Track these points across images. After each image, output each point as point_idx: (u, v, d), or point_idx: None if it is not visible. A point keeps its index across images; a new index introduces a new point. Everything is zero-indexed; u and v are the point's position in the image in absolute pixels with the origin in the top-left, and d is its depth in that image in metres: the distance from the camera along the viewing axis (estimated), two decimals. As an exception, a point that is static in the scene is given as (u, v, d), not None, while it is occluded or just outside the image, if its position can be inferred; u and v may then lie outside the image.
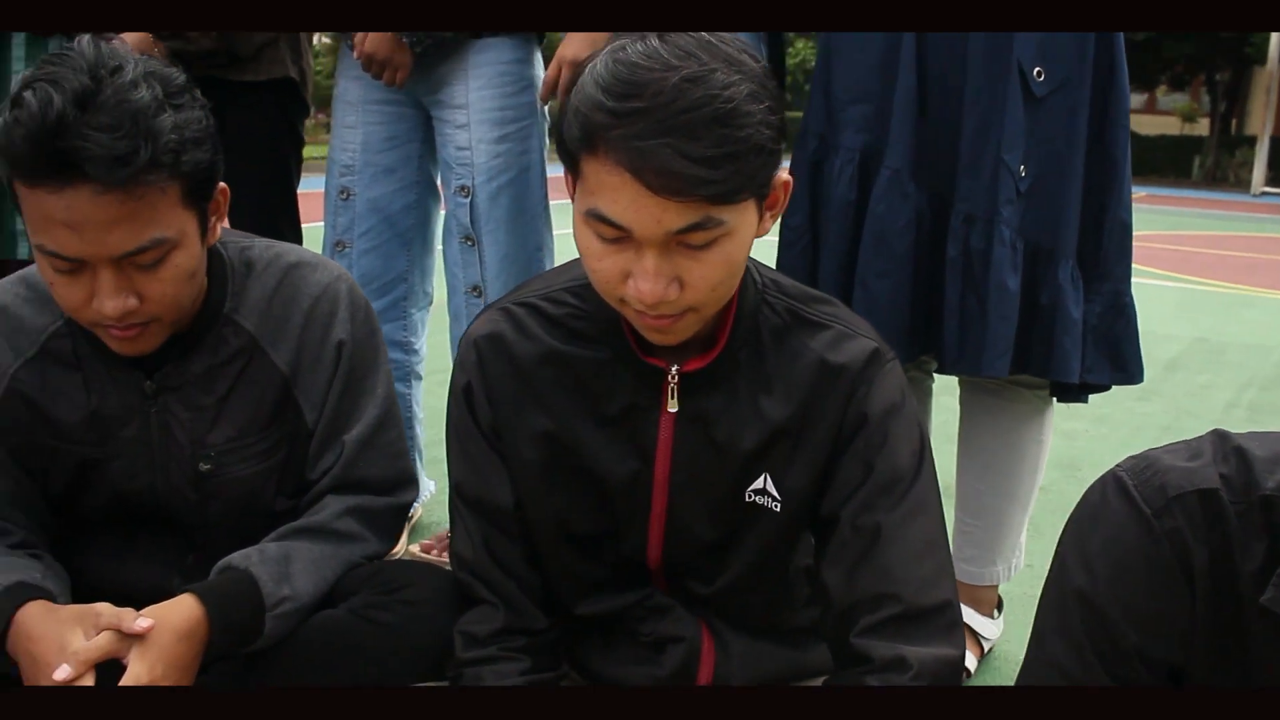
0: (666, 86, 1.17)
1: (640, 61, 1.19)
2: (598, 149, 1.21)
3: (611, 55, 1.23)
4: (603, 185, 1.22)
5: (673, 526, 1.49)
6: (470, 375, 1.47)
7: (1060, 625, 1.18)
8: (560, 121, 1.28)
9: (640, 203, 1.20)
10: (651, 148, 1.17)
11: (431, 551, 2.59)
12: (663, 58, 1.19)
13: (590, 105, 1.21)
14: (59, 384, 1.57)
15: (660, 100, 1.17)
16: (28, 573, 1.51)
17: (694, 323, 1.33)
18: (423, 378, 2.74)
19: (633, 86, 1.18)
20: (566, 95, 2.15)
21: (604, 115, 1.19)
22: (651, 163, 1.17)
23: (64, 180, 1.31)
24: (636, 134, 1.17)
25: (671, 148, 1.16)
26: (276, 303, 1.61)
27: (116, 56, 1.37)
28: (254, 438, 1.61)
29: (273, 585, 1.50)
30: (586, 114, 1.21)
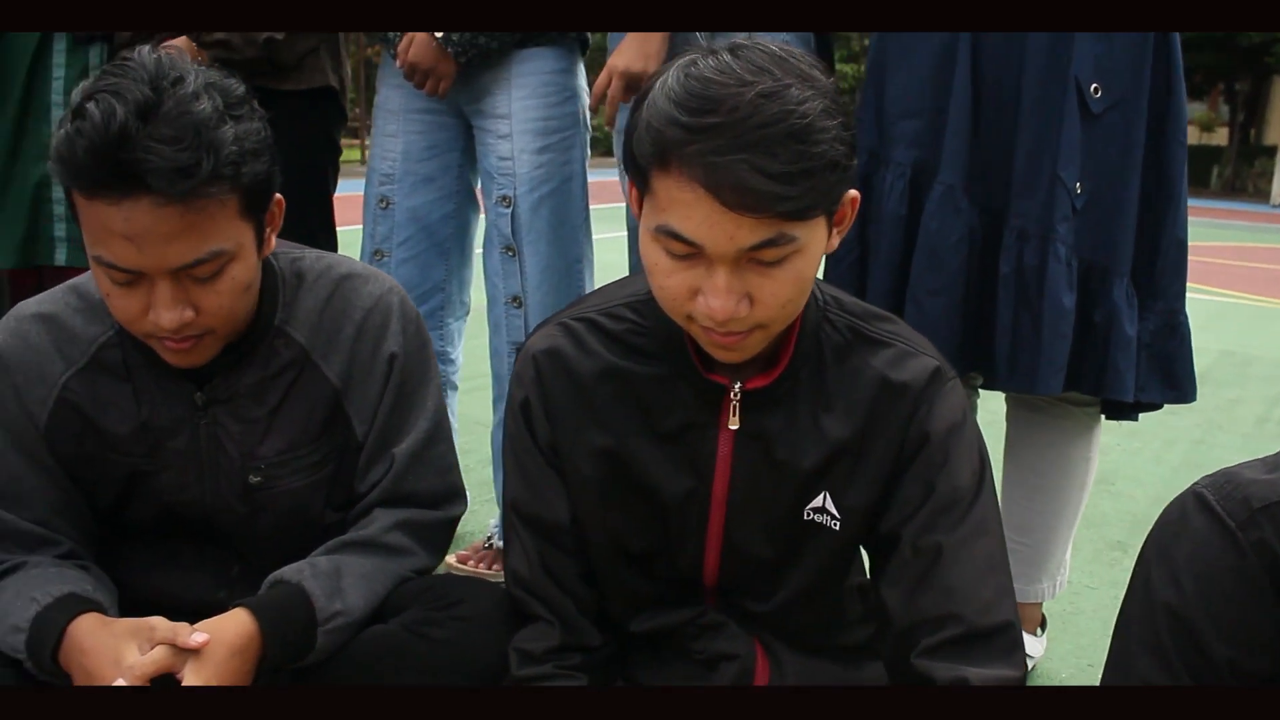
0: (743, 102, 1.16)
1: (714, 76, 1.18)
2: (671, 165, 1.20)
3: (683, 70, 1.21)
4: (675, 201, 1.21)
5: (729, 544, 1.47)
6: (528, 390, 1.46)
7: (1148, 641, 1.17)
8: (629, 136, 1.27)
9: (714, 219, 1.19)
10: (728, 164, 1.15)
11: (468, 563, 2.58)
12: (737, 73, 1.18)
13: (664, 120, 1.20)
14: (109, 395, 1.56)
15: (737, 116, 1.16)
16: (78, 584, 1.50)
17: (761, 340, 1.32)
18: (458, 387, 2.74)
19: (708, 102, 1.17)
20: (616, 106, 2.18)
21: (678, 130, 1.18)
22: (727, 179, 1.16)
23: (124, 192, 1.30)
24: (713, 150, 1.16)
25: (748, 164, 1.15)
26: (328, 315, 1.60)
27: (177, 67, 1.36)
28: (304, 450, 1.60)
29: (325, 600, 1.49)
30: (660, 129, 1.20)
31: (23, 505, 1.56)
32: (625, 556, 1.49)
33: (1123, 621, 1.21)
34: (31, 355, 1.55)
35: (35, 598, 1.47)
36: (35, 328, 1.56)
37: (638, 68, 2.11)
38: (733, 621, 1.55)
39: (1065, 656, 2.41)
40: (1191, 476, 1.21)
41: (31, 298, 1.62)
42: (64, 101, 2.76)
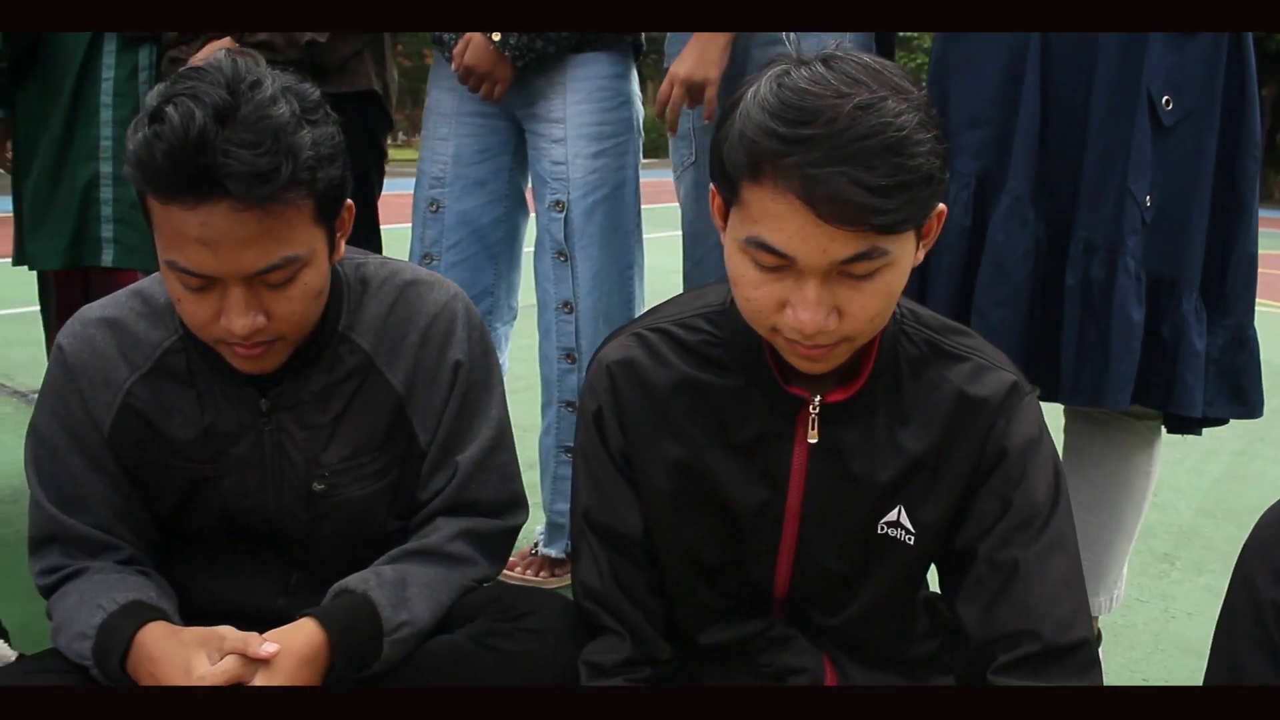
0: (840, 114, 1.15)
1: (809, 88, 1.17)
2: (764, 176, 1.19)
3: (776, 80, 1.21)
4: (767, 213, 1.20)
5: (802, 557, 1.47)
6: (602, 400, 1.45)
7: (1258, 639, 1.16)
8: (717, 147, 1.26)
9: (807, 231, 1.18)
10: (825, 176, 1.14)
11: (515, 569, 2.56)
12: (832, 84, 1.17)
13: (758, 131, 1.18)
14: (173, 400, 1.55)
15: (834, 128, 1.15)
16: (142, 591, 1.49)
17: (846, 352, 1.31)
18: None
19: (804, 113, 1.16)
20: (678, 113, 2.16)
21: (774, 141, 1.17)
22: (824, 191, 1.15)
23: (201, 196, 1.29)
24: (810, 161, 1.15)
25: (846, 176, 1.14)
26: (392, 321, 1.58)
27: (254, 71, 1.35)
28: (367, 458, 1.58)
29: (391, 610, 1.47)
30: (754, 139, 1.19)
31: (85, 510, 1.55)
32: (696, 568, 1.48)
33: (1226, 625, 1.21)
34: (97, 360, 1.54)
35: (100, 604, 1.46)
36: (100, 332, 1.55)
37: (699, 75, 2.09)
38: (801, 635, 1.53)
39: (1119, 671, 2.39)
40: (1234, 488, 1.22)
41: (94, 302, 1.61)
42: (113, 103, 2.77)
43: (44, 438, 1.56)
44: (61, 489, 1.55)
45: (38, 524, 1.57)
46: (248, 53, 1.40)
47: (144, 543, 1.61)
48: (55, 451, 1.55)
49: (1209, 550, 3.12)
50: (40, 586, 1.57)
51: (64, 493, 1.55)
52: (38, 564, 1.58)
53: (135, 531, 1.59)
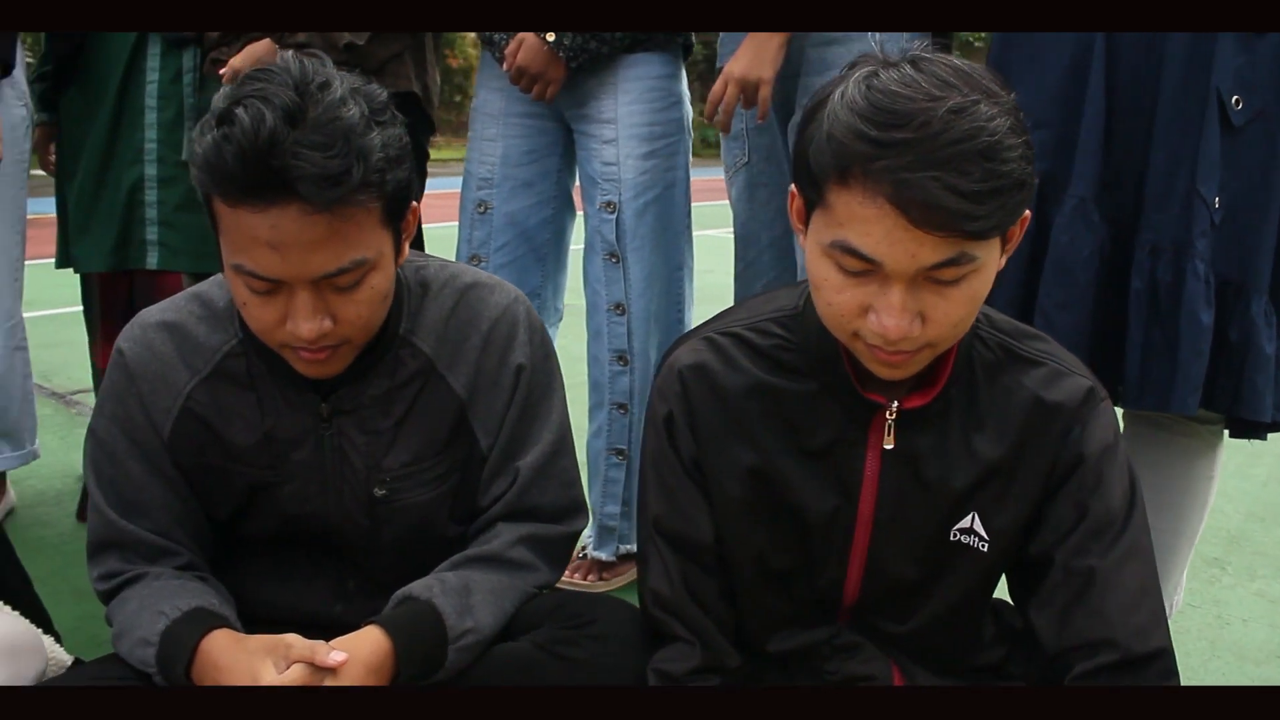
0: (934, 117, 1.13)
1: (900, 90, 1.15)
2: (852, 179, 1.17)
3: (864, 82, 1.19)
4: (855, 216, 1.18)
5: (872, 564, 1.45)
6: (673, 405, 1.43)
7: None
8: (801, 149, 1.24)
9: (896, 236, 1.16)
10: (917, 180, 1.13)
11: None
12: (923, 87, 1.15)
13: (848, 133, 1.16)
14: (233, 405, 1.53)
15: (928, 131, 1.13)
16: (204, 598, 1.48)
17: (927, 359, 1.30)
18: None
19: (896, 116, 1.14)
20: (731, 113, 2.15)
21: (865, 144, 1.15)
22: (916, 195, 1.13)
23: (271, 199, 1.28)
24: (902, 165, 1.13)
25: (939, 181, 1.12)
26: (453, 325, 1.57)
27: (322, 72, 1.33)
28: (429, 463, 1.57)
29: (455, 618, 1.46)
30: (843, 142, 1.17)
31: (144, 515, 1.54)
32: (766, 575, 1.47)
33: None
34: (157, 364, 1.53)
35: (163, 611, 1.45)
36: (160, 336, 1.54)
37: (754, 75, 2.07)
38: (868, 642, 1.51)
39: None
40: (1282, 490, 1.18)
41: (153, 305, 1.60)
42: (157, 105, 2.77)
43: (103, 442, 1.55)
44: (120, 494, 1.54)
45: (96, 529, 1.56)
46: (312, 53, 1.38)
47: (201, 548, 1.60)
48: (114, 456, 1.54)
49: (1260, 555, 3.08)
50: (99, 591, 1.57)
51: (123, 497, 1.54)
52: (96, 569, 1.57)
53: (193, 537, 1.58)
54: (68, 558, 2.75)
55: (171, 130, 2.79)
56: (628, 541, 2.54)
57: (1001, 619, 1.58)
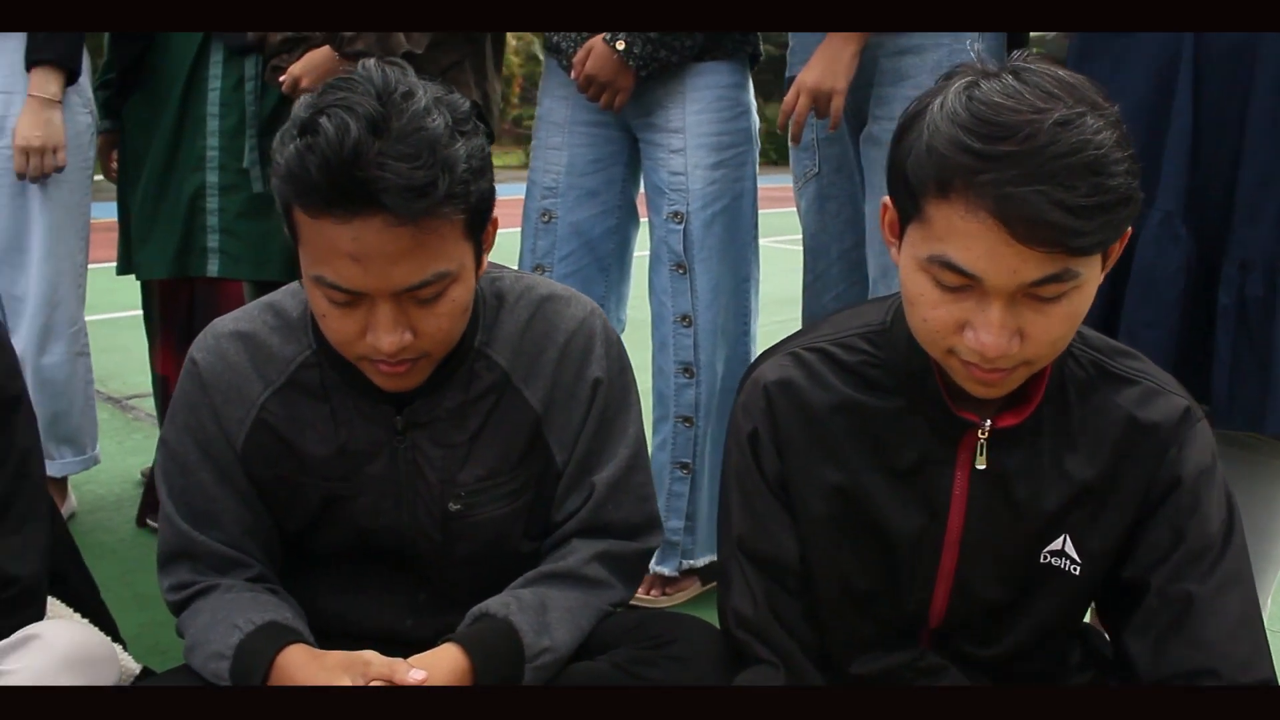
0: (1040, 130, 1.10)
1: (1004, 101, 1.12)
2: (954, 193, 1.14)
3: (965, 92, 1.16)
4: (955, 231, 1.15)
5: (960, 586, 1.42)
6: (758, 422, 1.40)
7: None
8: (898, 161, 1.21)
9: (998, 251, 1.13)
10: (1023, 195, 1.10)
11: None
12: (1027, 98, 1.12)
13: (950, 145, 1.13)
14: (307, 416, 1.52)
15: (1034, 144, 1.10)
16: (277, 611, 1.47)
17: (1023, 377, 1.27)
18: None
19: (1001, 128, 1.11)
20: (802, 124, 2.12)
21: (968, 157, 1.12)
22: (1021, 210, 1.10)
23: (355, 211, 1.26)
24: (1008, 179, 1.10)
25: (1045, 196, 1.09)
26: (529, 337, 1.54)
27: (405, 81, 1.31)
28: (504, 477, 1.54)
29: (533, 635, 1.44)
30: (945, 155, 1.14)
31: (216, 526, 1.53)
32: (850, 596, 1.44)
33: None
34: (230, 374, 1.52)
35: (236, 624, 1.43)
36: (234, 346, 1.53)
37: (827, 85, 2.04)
38: (953, 666, 1.48)
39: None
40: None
41: (227, 314, 1.58)
42: (219, 113, 2.77)
43: (175, 452, 1.54)
44: (192, 504, 1.53)
45: (168, 539, 1.55)
46: (393, 62, 1.36)
47: (272, 560, 1.58)
48: (186, 466, 1.53)
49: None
50: (170, 602, 1.56)
51: (194, 508, 1.53)
52: (167, 579, 1.56)
53: (264, 549, 1.57)
54: (129, 563, 2.76)
55: (233, 138, 2.79)
56: (691, 557, 2.51)
57: (1089, 643, 1.54)
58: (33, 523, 1.53)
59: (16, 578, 1.49)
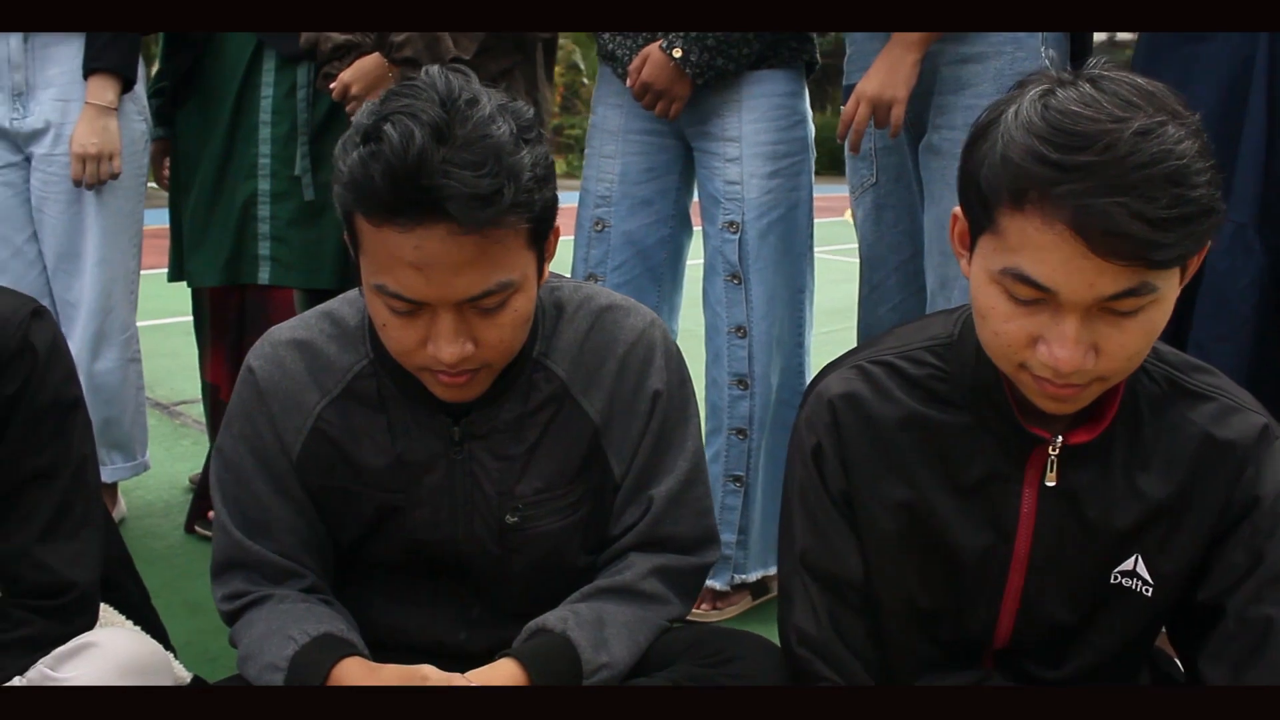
0: (1120, 140, 1.07)
1: (1081, 110, 1.09)
2: (1029, 204, 1.11)
3: (1040, 101, 1.13)
4: (1029, 243, 1.12)
5: (1027, 606, 1.38)
6: (822, 436, 1.37)
7: None
8: (970, 171, 1.18)
9: (1074, 264, 1.10)
10: (1102, 206, 1.07)
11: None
12: (1105, 107, 1.09)
13: (1026, 156, 1.10)
14: (364, 426, 1.50)
15: (1114, 155, 1.07)
16: (332, 623, 1.45)
17: (1096, 393, 1.23)
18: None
19: (1079, 138, 1.08)
20: (862, 133, 2.09)
21: (1045, 168, 1.09)
22: (1100, 223, 1.07)
23: (418, 219, 1.24)
24: (1086, 190, 1.07)
25: (1125, 208, 1.06)
26: (588, 348, 1.52)
27: (468, 88, 1.30)
28: (561, 490, 1.52)
29: (591, 651, 1.41)
30: (1020, 165, 1.11)
31: (270, 536, 1.52)
32: (913, 615, 1.41)
33: None
34: (288, 383, 1.51)
35: (291, 635, 1.42)
36: (291, 354, 1.52)
37: (888, 94, 2.02)
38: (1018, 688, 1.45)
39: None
40: None
41: (284, 322, 1.58)
42: (271, 120, 2.77)
43: (230, 461, 1.53)
44: (246, 514, 1.52)
45: (222, 548, 1.54)
46: (457, 69, 1.34)
47: (325, 571, 1.57)
48: (241, 475, 1.52)
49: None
50: (223, 612, 1.55)
51: (249, 518, 1.52)
52: (220, 589, 1.55)
53: (318, 560, 1.56)
54: (178, 570, 2.76)
55: (285, 145, 2.80)
56: (743, 571, 2.48)
57: (1158, 667, 1.51)
58: (89, 529, 1.53)
59: (73, 583, 1.49)
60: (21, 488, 1.48)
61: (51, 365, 1.49)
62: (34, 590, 1.48)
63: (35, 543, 1.48)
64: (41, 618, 1.48)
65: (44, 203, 2.72)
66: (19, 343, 1.45)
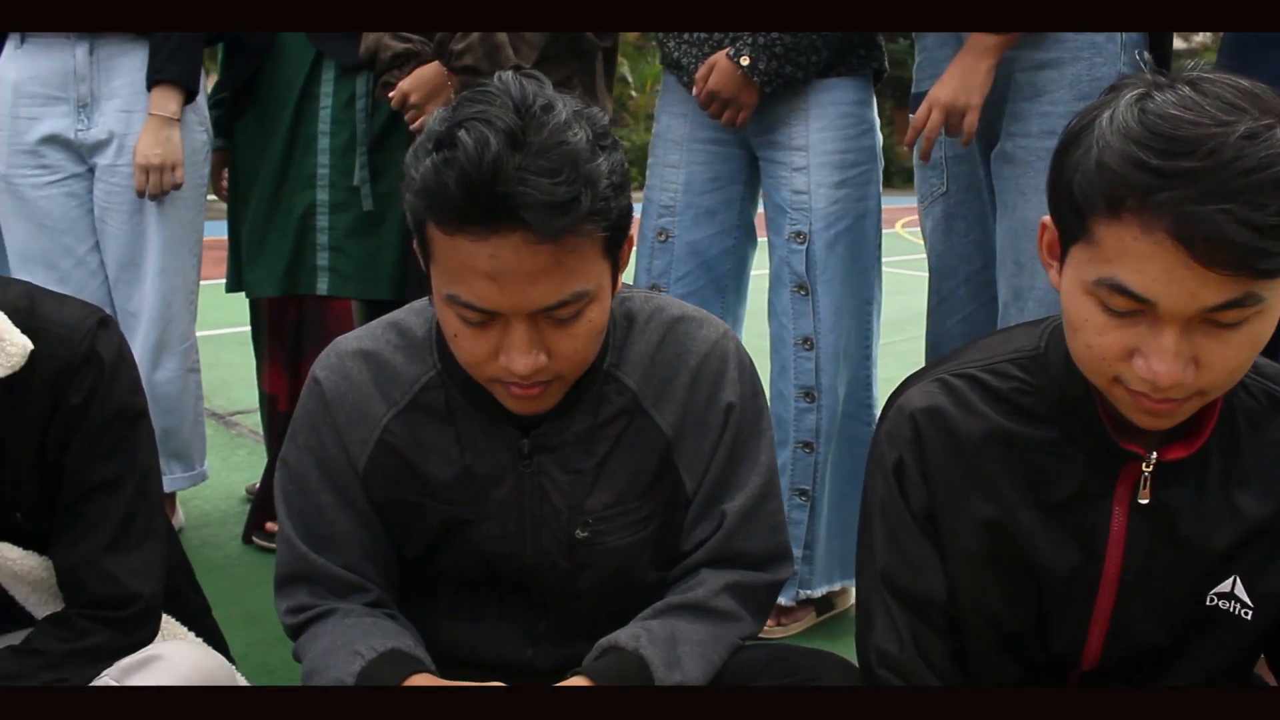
0: (1225, 144, 1.02)
1: (1181, 114, 1.05)
2: (1127, 211, 1.07)
3: (1137, 104, 1.08)
4: (1127, 252, 1.08)
5: (1117, 628, 1.33)
6: (904, 450, 1.33)
7: None
8: (1062, 178, 1.14)
9: (1175, 274, 1.06)
10: (1206, 214, 1.02)
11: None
12: (1208, 110, 1.05)
13: (1123, 162, 1.06)
14: (431, 438, 1.48)
15: (1218, 160, 1.02)
16: (399, 638, 1.43)
17: (1195, 408, 1.18)
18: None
19: (1180, 143, 1.03)
20: (933, 141, 2.05)
21: (1144, 174, 1.05)
22: (1204, 231, 1.02)
23: (493, 228, 1.22)
24: (1189, 197, 1.02)
25: (1231, 215, 1.01)
26: (660, 360, 1.49)
27: (543, 94, 1.27)
28: (632, 505, 1.49)
29: (664, 670, 1.38)
30: (1118, 171, 1.06)
31: (335, 549, 1.49)
32: (997, 636, 1.36)
33: None
34: (354, 394, 1.48)
35: (358, 651, 1.40)
36: (358, 365, 1.49)
37: (962, 101, 1.98)
38: None
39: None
40: None
41: (350, 332, 1.56)
42: (330, 130, 2.77)
43: (295, 473, 1.51)
44: (311, 526, 1.50)
45: (286, 561, 1.52)
46: (530, 74, 1.32)
47: (390, 585, 1.55)
48: (306, 488, 1.50)
49: None
50: (287, 625, 1.52)
51: (314, 531, 1.50)
52: (284, 602, 1.52)
53: (383, 573, 1.53)
54: (237, 581, 2.76)
55: (343, 156, 2.80)
56: (808, 586, 2.45)
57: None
58: (153, 540, 1.53)
59: (137, 595, 1.49)
60: (87, 498, 1.48)
61: (118, 375, 1.48)
62: (98, 601, 1.48)
63: (100, 553, 1.48)
64: (106, 628, 1.48)
65: (107, 213, 2.73)
66: (86, 352, 1.45)
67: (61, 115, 2.68)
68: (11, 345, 1.40)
